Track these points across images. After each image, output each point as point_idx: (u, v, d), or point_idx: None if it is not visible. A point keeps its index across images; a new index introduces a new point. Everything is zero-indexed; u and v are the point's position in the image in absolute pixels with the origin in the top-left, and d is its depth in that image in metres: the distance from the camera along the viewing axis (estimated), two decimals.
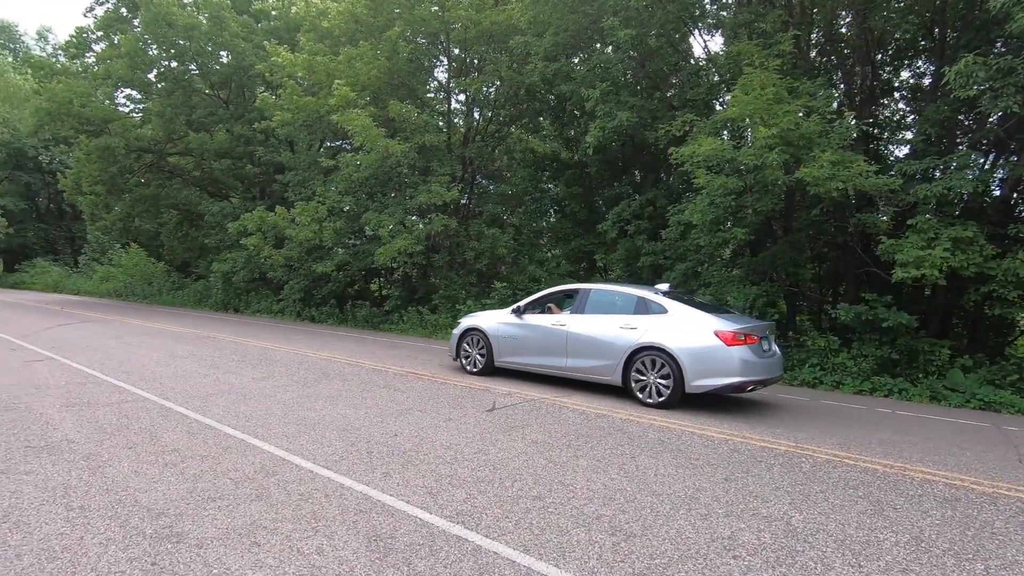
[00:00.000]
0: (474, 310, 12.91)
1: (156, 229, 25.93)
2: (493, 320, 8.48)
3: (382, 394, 6.89)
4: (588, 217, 15.95)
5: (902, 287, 9.59)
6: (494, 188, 19.33)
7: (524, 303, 8.31)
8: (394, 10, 15.20)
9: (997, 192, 9.94)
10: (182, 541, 3.06)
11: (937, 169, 9.24)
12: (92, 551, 2.94)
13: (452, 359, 8.99)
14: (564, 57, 13.97)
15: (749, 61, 9.64)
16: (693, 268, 11.74)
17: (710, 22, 13.14)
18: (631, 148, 14.23)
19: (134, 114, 23.00)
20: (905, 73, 12.31)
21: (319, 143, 20.04)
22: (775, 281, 10.95)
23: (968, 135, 10.27)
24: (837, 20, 11.73)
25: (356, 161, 15.31)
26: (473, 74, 16.28)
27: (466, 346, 8.66)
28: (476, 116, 17.33)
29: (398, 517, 3.44)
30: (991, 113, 8.71)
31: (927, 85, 11.28)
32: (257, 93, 19.74)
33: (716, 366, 6.44)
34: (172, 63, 20.54)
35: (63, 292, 29.87)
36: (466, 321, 8.91)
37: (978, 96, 8.15)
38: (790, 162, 8.92)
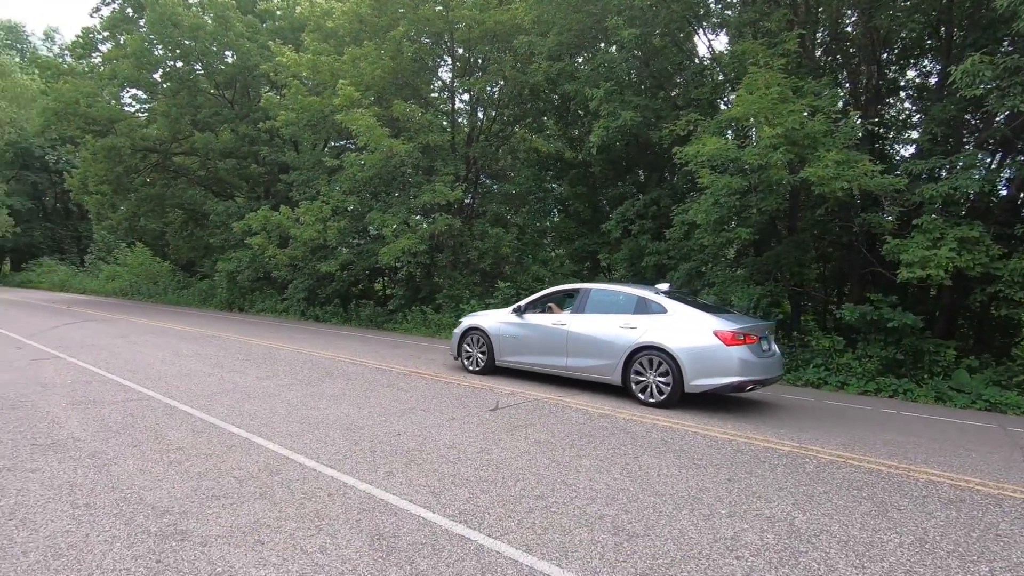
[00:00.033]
0: (478, 310, 12.92)
1: (161, 228, 26.07)
2: (494, 319, 8.48)
3: (386, 393, 6.91)
4: (592, 217, 15.94)
5: (907, 287, 9.56)
6: (498, 188, 19.33)
7: (525, 302, 8.31)
8: (398, 10, 15.22)
9: (1004, 192, 9.89)
10: (186, 539, 3.08)
11: (943, 169, 9.19)
12: (97, 548, 2.96)
13: (453, 358, 9.00)
14: (568, 56, 13.97)
15: (754, 60, 9.61)
16: (697, 268, 11.71)
17: (715, 21, 13.12)
18: (635, 148, 14.22)
19: (140, 114, 23.12)
20: (911, 72, 12.26)
21: (323, 143, 20.09)
22: (779, 281, 10.91)
23: (975, 134, 10.23)
24: (842, 19, 11.69)
25: (360, 161, 15.34)
26: (477, 74, 16.28)
27: (467, 345, 8.66)
28: (480, 116, 17.34)
29: (401, 516, 3.45)
30: (998, 112, 8.67)
31: (933, 84, 11.22)
32: (262, 93, 19.84)
33: (715, 366, 6.44)
34: (177, 63, 20.63)
35: (69, 291, 30.03)
36: (467, 320, 8.91)
37: (985, 95, 8.11)
38: (795, 162, 8.89)
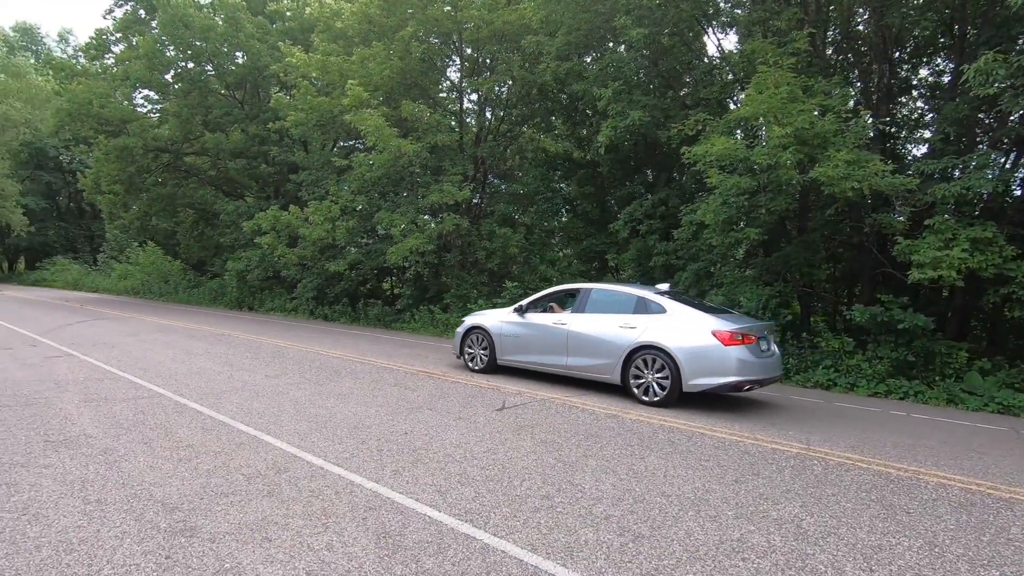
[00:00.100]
0: (485, 309, 12.93)
1: (173, 228, 26.34)
2: (496, 319, 8.53)
3: (393, 392, 6.94)
4: (600, 217, 15.90)
5: (919, 288, 9.45)
6: (506, 187, 19.34)
7: (526, 302, 8.36)
8: (407, 10, 15.27)
9: (1018, 192, 9.77)
10: (195, 535, 3.12)
11: (956, 168, 9.08)
12: (108, 544, 3.00)
13: (456, 357, 9.05)
14: (576, 56, 13.93)
15: (763, 59, 9.55)
16: (706, 268, 11.65)
17: (724, 20, 13.03)
18: (643, 147, 14.16)
19: (152, 114, 23.35)
20: (923, 71, 12.13)
21: (332, 143, 20.19)
22: (789, 282, 10.84)
23: (988, 134, 10.09)
24: (854, 17, 11.57)
25: (369, 161, 15.40)
26: (485, 74, 16.30)
27: (469, 344, 8.72)
28: (488, 116, 17.35)
29: (407, 515, 3.47)
30: (1012, 111, 8.56)
31: (946, 83, 11.09)
32: (272, 93, 19.94)
33: (713, 365, 6.46)
34: (189, 64, 20.83)
35: (82, 290, 30.38)
36: (470, 319, 8.97)
37: (998, 94, 8.01)
38: (804, 161, 8.82)
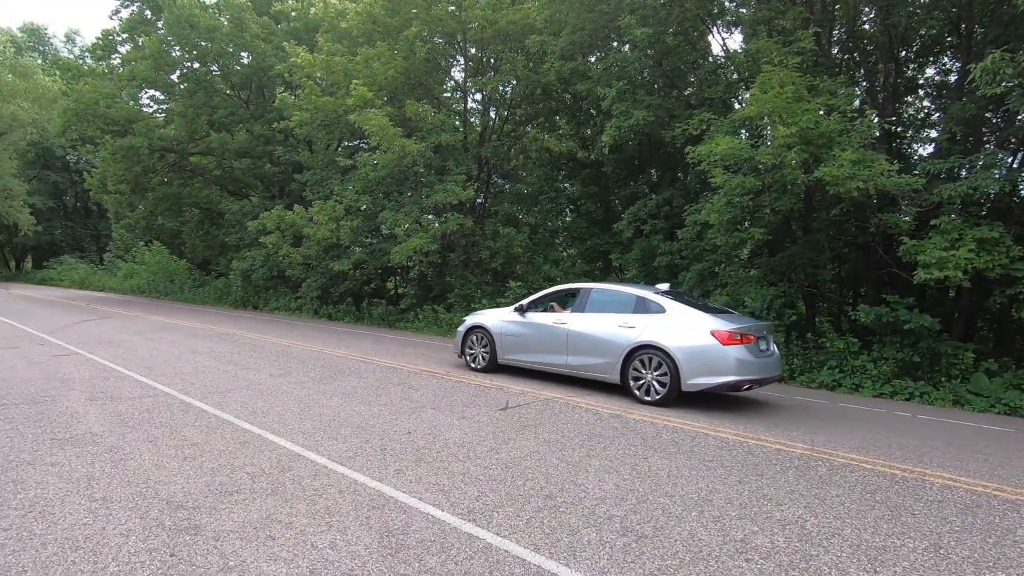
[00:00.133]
0: (488, 308, 12.94)
1: (178, 227, 26.44)
2: (497, 318, 8.55)
3: (396, 391, 6.95)
4: (604, 216, 15.88)
5: (925, 289, 9.40)
6: (510, 187, 19.33)
7: (527, 301, 8.38)
8: (411, 10, 15.29)
9: None
10: (199, 533, 3.13)
11: (962, 168, 9.03)
12: (113, 541, 3.02)
13: (457, 356, 9.07)
14: (580, 56, 13.92)
15: (768, 59, 9.52)
16: (710, 268, 11.62)
17: (729, 19, 13.00)
18: (648, 147, 14.14)
19: (157, 114, 23.46)
20: (930, 70, 12.07)
21: (337, 143, 20.24)
22: (794, 282, 10.80)
23: (995, 133, 10.04)
24: (860, 16, 11.52)
25: (373, 160, 15.44)
26: (489, 73, 16.30)
27: (471, 343, 8.74)
28: (492, 115, 17.36)
29: (410, 514, 3.48)
30: (1019, 110, 8.50)
31: (953, 82, 11.04)
32: (276, 93, 20.05)
33: (712, 365, 6.48)
34: (194, 64, 20.93)
35: (89, 288, 30.57)
36: (471, 319, 9.00)
37: (1006, 93, 7.98)
38: (809, 161, 8.79)
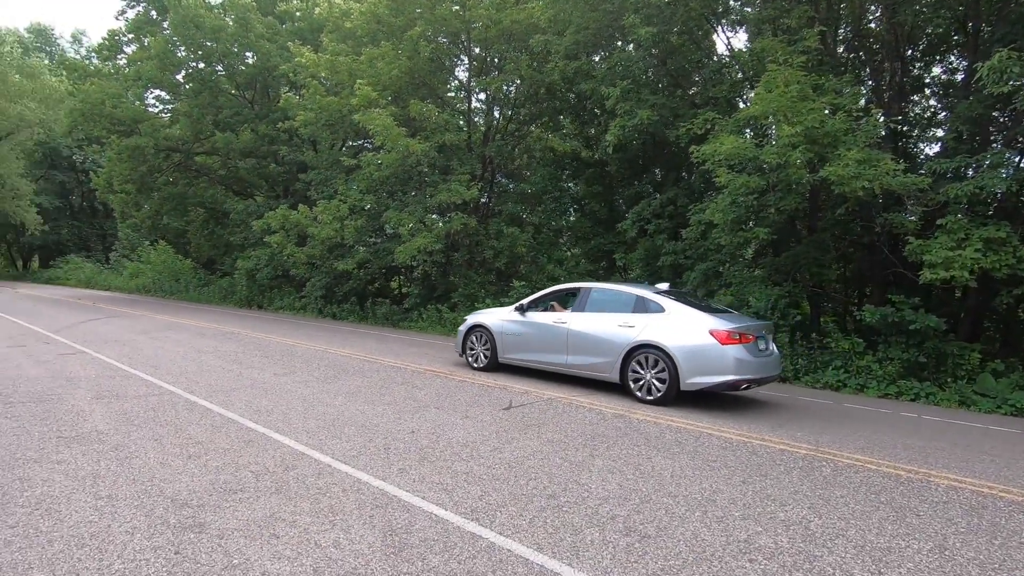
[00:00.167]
0: (492, 308, 12.95)
1: (183, 227, 26.59)
2: (497, 317, 8.57)
3: (400, 391, 6.96)
4: (608, 216, 15.86)
5: (931, 289, 9.35)
6: (514, 187, 19.33)
7: (527, 301, 8.40)
8: (415, 10, 15.30)
9: None
10: (204, 531, 3.14)
11: (969, 167, 8.98)
12: (119, 539, 3.04)
13: (458, 355, 9.09)
14: (584, 55, 13.91)
15: (773, 58, 9.49)
16: (714, 268, 11.59)
17: (734, 18, 12.97)
18: (652, 147, 14.11)
19: (163, 114, 23.56)
20: (936, 69, 12.00)
21: (341, 142, 20.27)
22: (798, 282, 10.75)
23: (1002, 132, 9.97)
24: (865, 15, 11.48)
25: (377, 160, 15.46)
26: (493, 73, 16.29)
27: (471, 342, 8.77)
28: (496, 115, 17.35)
29: (414, 513, 3.48)
30: None
31: (959, 81, 10.98)
32: (281, 93, 20.07)
33: (710, 364, 6.49)
34: (200, 64, 21.01)
35: (95, 288, 30.73)
36: (472, 318, 9.03)
37: (1013, 92, 7.92)
38: (814, 160, 8.76)
